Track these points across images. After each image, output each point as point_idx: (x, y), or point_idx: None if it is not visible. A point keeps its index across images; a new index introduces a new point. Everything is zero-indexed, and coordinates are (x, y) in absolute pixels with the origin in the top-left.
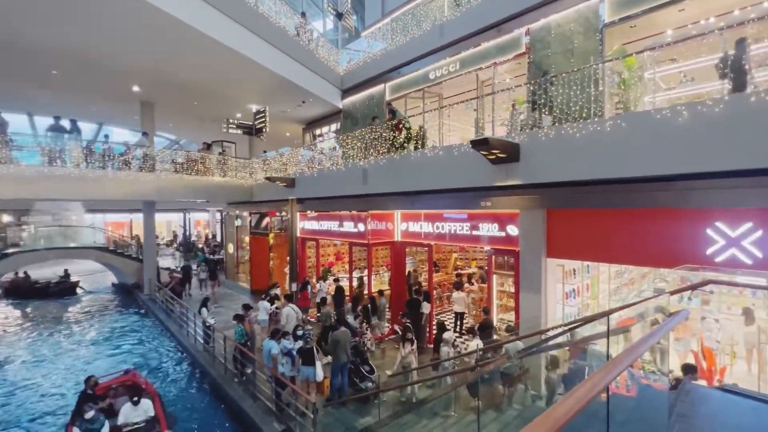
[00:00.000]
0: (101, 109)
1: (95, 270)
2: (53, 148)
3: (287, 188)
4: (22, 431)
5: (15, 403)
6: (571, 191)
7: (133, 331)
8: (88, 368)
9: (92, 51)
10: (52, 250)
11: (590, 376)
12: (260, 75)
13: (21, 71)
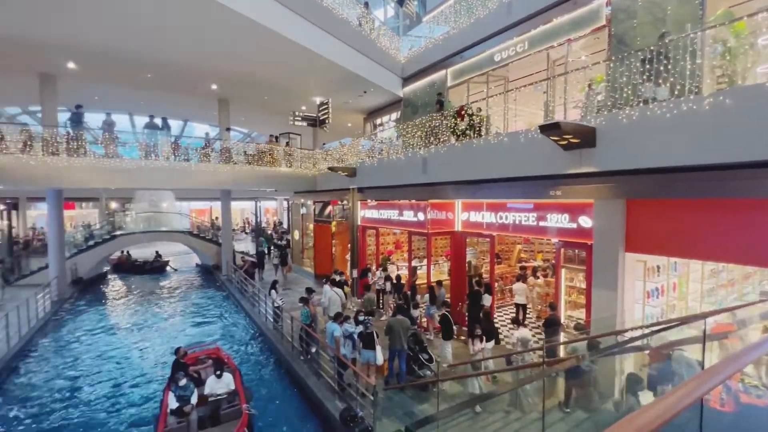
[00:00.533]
0: (186, 107)
1: (182, 252)
2: (149, 143)
3: (348, 177)
4: (133, 387)
5: (128, 362)
6: (656, 179)
7: (213, 306)
8: (178, 335)
9: (179, 55)
10: (148, 233)
11: (682, 383)
12: (324, 68)
13: (125, 76)
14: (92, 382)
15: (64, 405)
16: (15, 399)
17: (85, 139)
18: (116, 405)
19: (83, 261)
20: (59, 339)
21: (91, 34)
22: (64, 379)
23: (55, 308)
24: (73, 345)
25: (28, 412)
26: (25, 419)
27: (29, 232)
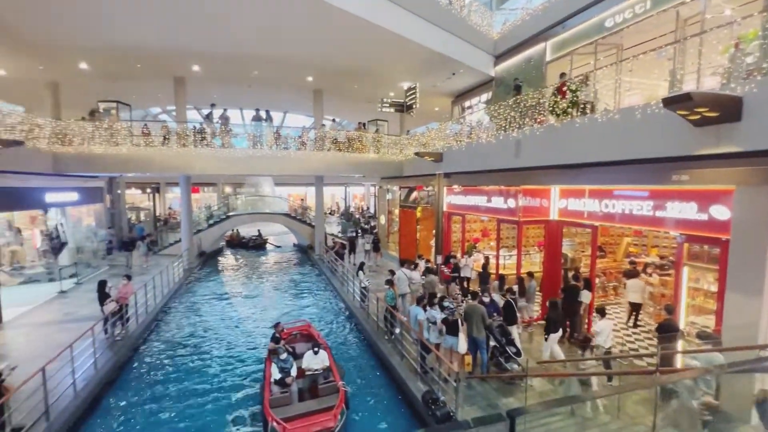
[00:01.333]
0: (285, 99)
1: (282, 232)
2: (255, 134)
3: (434, 163)
4: (242, 346)
5: (239, 323)
6: None
7: (307, 283)
8: (278, 305)
9: (281, 51)
10: (254, 215)
11: None
12: (413, 51)
13: (236, 74)
14: (211, 339)
15: (189, 352)
16: (158, 341)
17: (207, 133)
18: (229, 359)
19: (206, 237)
20: (188, 300)
21: (213, 40)
22: (190, 334)
23: (186, 275)
24: (197, 306)
25: (167, 353)
26: (165, 359)
27: (168, 211)
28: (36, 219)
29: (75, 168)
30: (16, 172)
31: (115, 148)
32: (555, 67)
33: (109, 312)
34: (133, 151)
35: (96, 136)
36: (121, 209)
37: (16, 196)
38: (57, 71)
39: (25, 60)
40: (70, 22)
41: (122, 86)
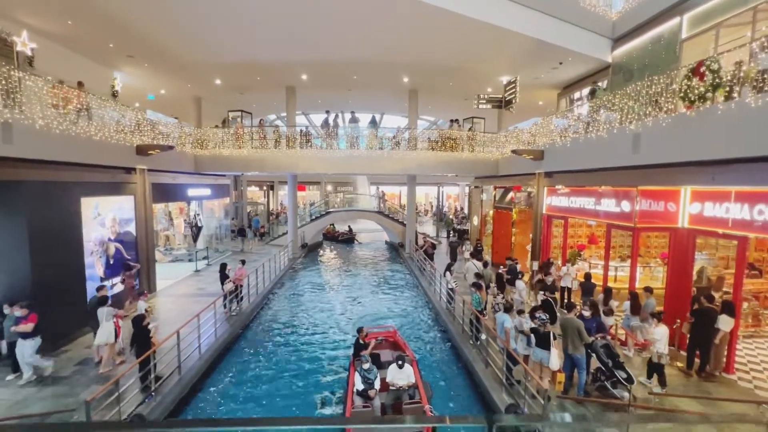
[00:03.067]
0: (382, 101)
1: (375, 229)
2: (352, 135)
3: (534, 161)
4: (334, 334)
5: (333, 312)
6: None
7: (397, 280)
8: (367, 299)
9: (379, 54)
10: (351, 212)
11: None
12: (512, 42)
13: (337, 80)
14: (307, 323)
15: (288, 332)
16: (265, 320)
17: (311, 135)
18: (321, 342)
19: (308, 230)
20: (290, 286)
21: (319, 50)
22: (290, 315)
23: (290, 264)
24: (298, 292)
25: (271, 331)
26: (269, 335)
27: (279, 206)
28: (183, 210)
29: (209, 168)
30: (170, 171)
31: (239, 150)
32: (693, 45)
33: (227, 291)
34: (252, 153)
35: (225, 140)
36: (243, 203)
37: (169, 190)
38: (200, 88)
39: (179, 80)
40: (211, 47)
41: (246, 98)
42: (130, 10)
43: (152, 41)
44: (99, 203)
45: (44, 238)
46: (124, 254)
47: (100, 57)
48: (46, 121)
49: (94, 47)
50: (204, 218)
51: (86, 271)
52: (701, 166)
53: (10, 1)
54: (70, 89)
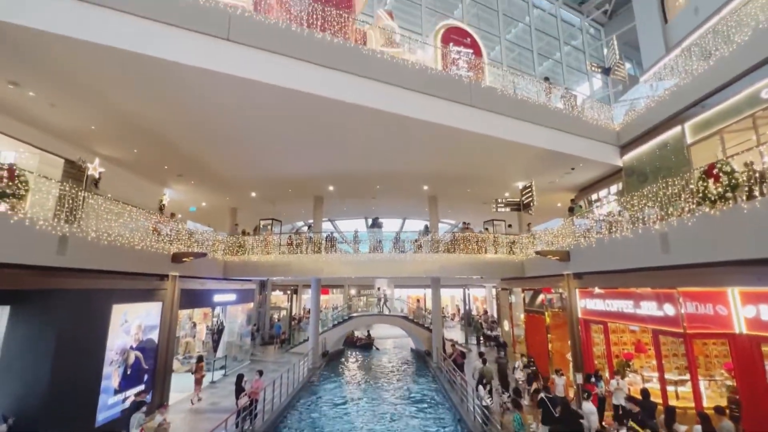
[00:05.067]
0: (404, 207)
1: (399, 335)
2: (374, 239)
3: (561, 262)
4: None
5: None
6: None
7: (423, 394)
8: (391, 419)
9: (398, 168)
10: (374, 316)
11: None
12: (526, 152)
13: (362, 190)
14: None
15: None
16: None
17: (336, 240)
18: None
19: (330, 336)
20: (309, 401)
21: (345, 165)
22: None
23: (309, 374)
24: (317, 408)
25: None
26: None
27: (302, 311)
28: (207, 315)
29: (237, 273)
30: (199, 277)
31: (266, 256)
32: (701, 149)
33: (241, 406)
34: (279, 258)
35: (254, 246)
36: (266, 308)
37: (196, 296)
38: (235, 200)
39: (219, 194)
40: (249, 165)
41: (277, 207)
42: (186, 139)
43: (200, 162)
44: (128, 310)
45: (69, 347)
46: (143, 363)
47: (154, 177)
48: (98, 233)
49: (152, 169)
50: (227, 324)
51: (102, 382)
52: (742, 266)
53: (91, 137)
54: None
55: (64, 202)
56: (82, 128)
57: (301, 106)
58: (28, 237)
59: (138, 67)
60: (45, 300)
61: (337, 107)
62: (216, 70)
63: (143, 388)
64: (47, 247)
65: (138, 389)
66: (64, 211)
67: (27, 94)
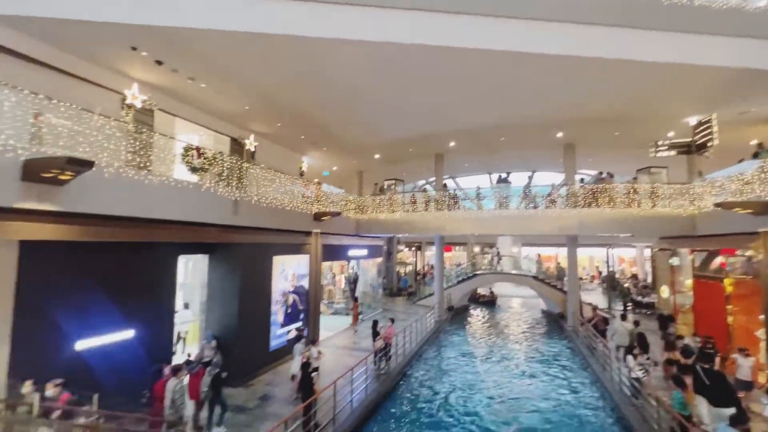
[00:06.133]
0: (533, 159)
1: (528, 294)
2: (501, 195)
3: (755, 216)
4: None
5: (480, 387)
6: None
7: (556, 357)
8: (521, 378)
9: (528, 114)
10: (500, 274)
11: None
12: (700, 77)
13: (485, 144)
14: (453, 391)
15: (433, 398)
16: (411, 382)
17: (458, 198)
18: (467, 416)
19: (454, 292)
20: (436, 350)
21: (468, 119)
22: (436, 381)
23: (436, 326)
24: (444, 357)
25: (416, 394)
26: (415, 399)
27: (426, 267)
28: (343, 267)
29: (367, 230)
30: (336, 233)
31: (392, 214)
32: None
33: (377, 348)
34: (403, 216)
35: (381, 206)
36: (393, 263)
37: (334, 250)
38: (362, 162)
39: (347, 159)
40: (374, 130)
41: (399, 167)
42: (319, 111)
43: (331, 131)
44: (284, 261)
45: (247, 287)
46: (299, 305)
47: (294, 146)
48: (258, 197)
49: (292, 140)
50: (360, 276)
51: (271, 317)
52: None
53: (246, 116)
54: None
55: (233, 173)
56: (239, 110)
57: (443, 62)
58: (214, 202)
59: (290, 51)
60: (229, 251)
61: (479, 56)
62: (368, 40)
63: (300, 324)
64: (226, 209)
65: (297, 325)
66: (234, 180)
67: (200, 86)
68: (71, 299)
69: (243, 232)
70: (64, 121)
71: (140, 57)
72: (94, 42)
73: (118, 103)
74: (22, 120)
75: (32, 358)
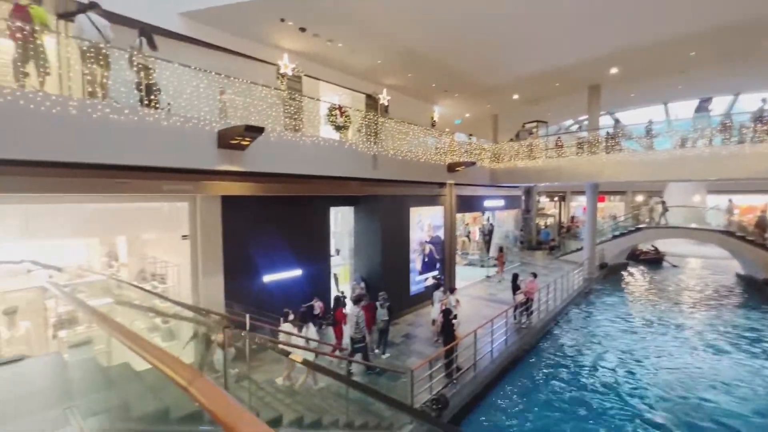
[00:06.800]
0: (735, 77)
1: (715, 255)
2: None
3: None
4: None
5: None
6: None
7: (759, 336)
8: (698, 365)
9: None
10: (675, 229)
11: None
12: None
13: (663, 64)
14: (605, 360)
15: (580, 364)
16: (554, 340)
17: (620, 137)
18: (625, 392)
19: (609, 248)
20: (585, 311)
21: (635, 34)
22: (584, 346)
23: (585, 285)
24: (595, 320)
25: (560, 355)
26: (558, 360)
27: (570, 219)
28: (476, 219)
29: (503, 180)
30: (470, 184)
31: (533, 161)
32: None
33: (518, 302)
34: (546, 163)
35: (520, 153)
36: (533, 215)
37: (469, 201)
38: (497, 106)
39: (481, 103)
40: (511, 67)
41: (540, 107)
42: (450, 56)
43: (463, 76)
44: (421, 212)
45: (388, 237)
46: (435, 254)
47: (425, 96)
48: (393, 151)
49: (423, 89)
50: (495, 228)
51: (410, 265)
52: None
53: (379, 71)
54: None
55: (371, 128)
56: (373, 65)
57: None
58: (355, 157)
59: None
60: (370, 203)
61: None
62: None
63: (437, 273)
64: (366, 163)
65: (433, 273)
66: (372, 135)
67: (337, 47)
68: (257, 242)
69: (382, 185)
70: (236, 97)
71: (287, 27)
72: (252, 21)
73: (273, 74)
74: (213, 98)
75: (236, 286)
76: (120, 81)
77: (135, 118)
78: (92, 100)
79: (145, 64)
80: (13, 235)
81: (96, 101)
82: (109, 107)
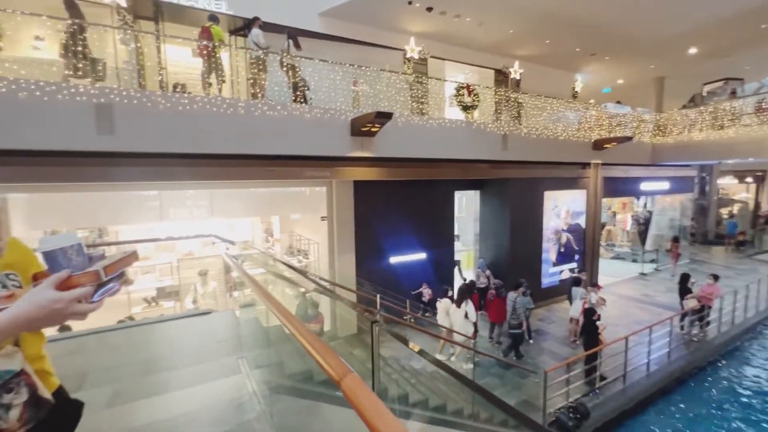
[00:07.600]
0: None
1: None
2: None
3: None
4: None
5: None
6: None
7: None
8: None
9: None
10: None
11: None
12: None
13: None
14: None
15: None
16: (741, 363)
17: None
18: None
19: None
20: None
21: None
22: None
23: None
24: None
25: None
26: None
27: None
28: (626, 205)
29: (670, 157)
30: (622, 164)
31: (718, 132)
32: None
33: (689, 308)
34: (742, 134)
35: (698, 122)
36: (710, 200)
37: (619, 184)
38: (664, 66)
39: (640, 64)
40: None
41: (731, 61)
42: (604, 9)
43: (617, 33)
44: (557, 197)
45: (517, 223)
46: (573, 244)
47: (565, 64)
48: (527, 129)
49: (563, 56)
50: (655, 216)
51: (542, 255)
52: None
53: (510, 42)
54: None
55: (500, 106)
56: (503, 36)
57: None
58: (482, 138)
59: None
60: (498, 187)
61: None
62: None
63: (575, 266)
64: (494, 144)
65: (571, 266)
66: (502, 113)
67: (465, 22)
68: (384, 225)
69: (512, 167)
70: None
71: (414, 9)
72: (383, 6)
73: (400, 59)
74: (347, 89)
75: (366, 264)
76: (273, 82)
77: (285, 113)
78: (254, 100)
79: (292, 64)
80: (205, 215)
81: (257, 101)
82: (267, 105)
